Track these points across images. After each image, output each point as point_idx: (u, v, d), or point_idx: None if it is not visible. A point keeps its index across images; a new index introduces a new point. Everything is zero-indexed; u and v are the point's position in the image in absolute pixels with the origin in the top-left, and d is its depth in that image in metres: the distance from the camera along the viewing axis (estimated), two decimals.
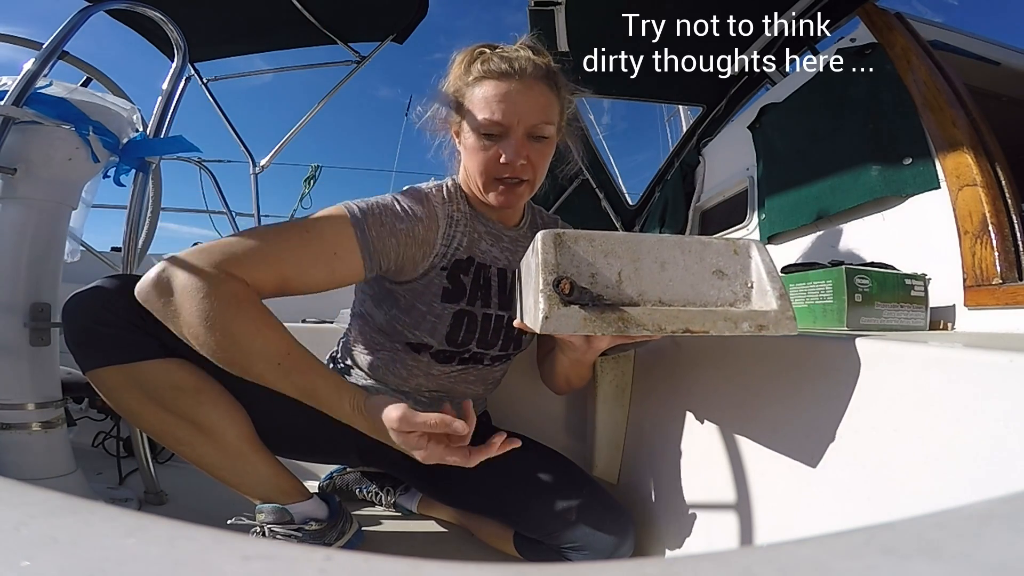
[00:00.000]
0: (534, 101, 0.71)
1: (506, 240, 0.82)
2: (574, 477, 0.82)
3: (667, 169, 2.48)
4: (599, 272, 0.48)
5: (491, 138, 0.72)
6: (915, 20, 1.14)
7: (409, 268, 0.73)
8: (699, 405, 0.81)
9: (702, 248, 0.51)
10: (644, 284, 0.49)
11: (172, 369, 0.69)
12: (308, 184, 3.71)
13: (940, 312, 0.84)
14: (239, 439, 0.73)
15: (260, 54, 2.67)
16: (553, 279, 0.46)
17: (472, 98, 0.72)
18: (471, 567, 0.14)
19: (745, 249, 0.52)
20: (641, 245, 0.50)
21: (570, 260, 0.48)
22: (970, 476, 0.40)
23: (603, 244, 0.49)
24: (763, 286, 0.50)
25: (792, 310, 0.48)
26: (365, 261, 0.68)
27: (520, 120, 0.71)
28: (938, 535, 0.15)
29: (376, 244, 0.68)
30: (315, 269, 0.66)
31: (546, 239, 0.48)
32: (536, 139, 0.73)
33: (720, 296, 0.50)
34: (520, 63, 0.71)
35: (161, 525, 0.15)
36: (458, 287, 0.76)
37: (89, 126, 0.89)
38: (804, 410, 0.59)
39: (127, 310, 0.67)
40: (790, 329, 0.47)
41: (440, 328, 0.76)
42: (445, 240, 0.75)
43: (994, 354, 0.40)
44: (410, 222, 0.71)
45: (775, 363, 0.66)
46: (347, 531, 0.82)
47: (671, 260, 0.50)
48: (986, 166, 0.86)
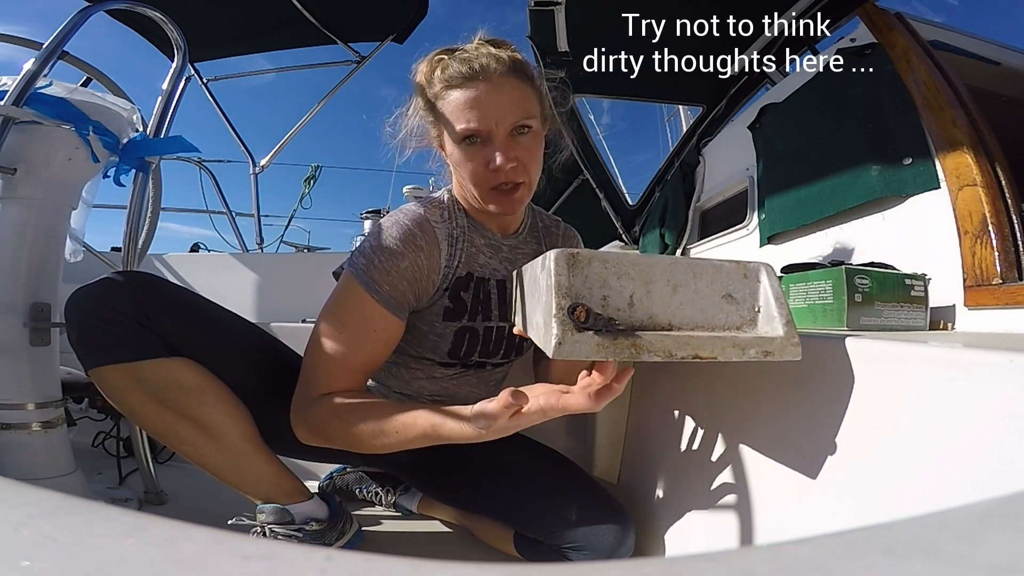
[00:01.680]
0: (507, 98, 0.67)
1: (505, 250, 0.80)
2: (574, 477, 0.82)
3: (667, 169, 2.48)
4: (611, 295, 0.47)
5: (474, 146, 0.68)
6: (915, 20, 1.14)
7: (424, 297, 0.73)
8: (699, 405, 0.81)
9: (714, 272, 0.50)
10: (655, 307, 0.48)
11: (175, 368, 0.69)
12: (308, 184, 3.71)
13: (940, 312, 0.84)
14: (241, 439, 0.73)
15: (260, 54, 2.67)
16: (568, 305, 0.44)
17: (444, 109, 0.69)
18: (471, 567, 0.14)
19: (755, 273, 0.51)
20: (654, 268, 0.49)
21: (583, 282, 0.47)
22: (970, 476, 0.40)
23: (616, 266, 0.48)
24: (770, 311, 0.50)
25: (797, 336, 0.49)
26: (396, 315, 0.69)
27: (499, 122, 0.67)
28: (938, 535, 0.15)
29: (393, 295, 0.68)
30: (373, 350, 0.69)
31: (559, 259, 0.46)
32: (521, 136, 0.69)
33: (728, 320, 0.50)
34: (481, 62, 0.67)
35: (161, 525, 0.15)
36: (459, 305, 0.75)
37: (89, 126, 0.89)
38: (804, 410, 0.59)
39: (130, 308, 0.67)
40: (794, 355, 0.48)
41: (442, 346, 0.76)
42: (448, 261, 0.73)
43: (994, 354, 0.40)
44: (412, 256, 0.69)
45: (775, 363, 0.66)
46: (347, 531, 0.82)
47: (683, 283, 0.49)
48: (986, 166, 0.86)
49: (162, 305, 0.70)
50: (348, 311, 0.69)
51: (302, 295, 1.66)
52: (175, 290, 0.75)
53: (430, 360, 0.79)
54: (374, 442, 0.63)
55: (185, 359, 0.70)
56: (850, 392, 0.53)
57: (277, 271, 1.88)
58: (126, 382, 0.68)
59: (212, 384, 0.71)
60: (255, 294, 1.83)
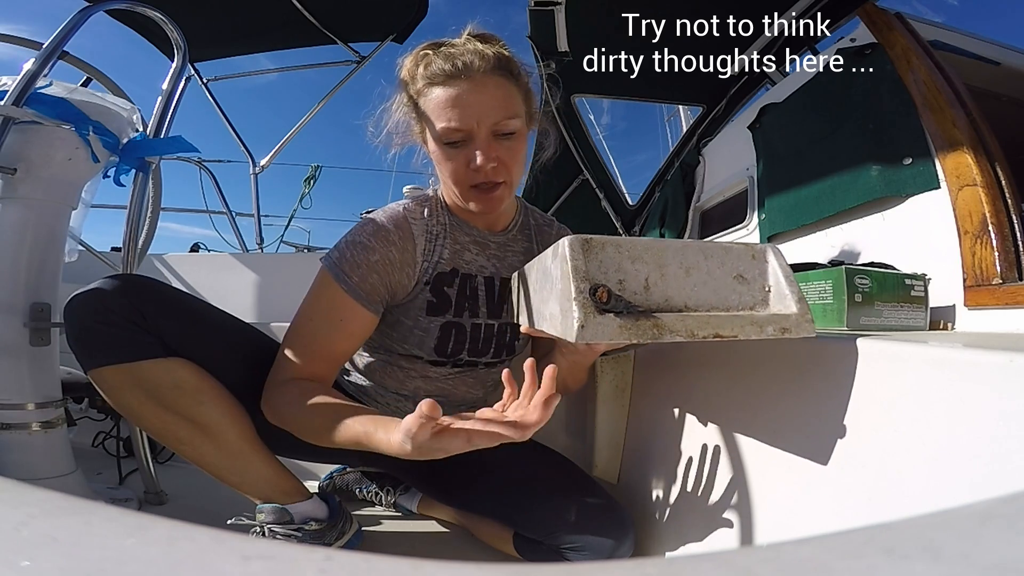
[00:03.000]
0: (490, 97, 0.66)
1: (493, 247, 0.81)
2: (574, 477, 0.82)
3: (667, 169, 2.48)
4: (627, 278, 0.48)
5: (455, 146, 0.68)
6: (915, 20, 1.14)
7: (400, 291, 0.74)
8: (699, 405, 0.81)
9: (724, 253, 0.51)
10: (670, 290, 0.49)
11: (173, 368, 0.70)
12: (308, 184, 3.71)
13: (940, 312, 0.84)
14: (240, 439, 0.73)
15: (260, 54, 2.67)
16: (588, 287, 0.45)
17: (426, 107, 0.68)
18: (471, 567, 0.14)
19: (762, 254, 0.52)
20: (667, 251, 0.50)
21: (598, 266, 0.47)
22: (970, 476, 0.40)
23: (630, 249, 0.49)
24: (781, 290, 0.50)
25: (810, 313, 0.49)
26: (366, 307, 0.71)
27: (480, 121, 0.66)
28: (938, 535, 0.15)
29: (362, 287, 0.70)
30: (337, 339, 0.72)
31: (574, 244, 0.47)
32: (503, 136, 0.68)
33: (741, 301, 0.51)
34: (466, 59, 0.66)
35: (161, 525, 0.15)
36: (443, 300, 0.76)
37: (89, 126, 0.89)
38: (804, 410, 0.59)
39: (128, 309, 0.68)
40: (809, 331, 0.48)
41: (428, 341, 0.76)
42: (426, 255, 0.74)
43: (994, 354, 0.40)
44: (383, 250, 0.70)
45: (775, 363, 0.66)
46: (347, 531, 0.82)
47: (695, 265, 0.50)
48: (986, 166, 0.86)
49: (158, 306, 0.71)
50: (319, 299, 0.72)
51: (302, 295, 1.65)
52: (171, 292, 0.75)
53: (419, 358, 0.79)
54: (317, 437, 0.64)
55: (182, 359, 0.71)
56: (850, 392, 0.53)
57: (277, 271, 1.88)
58: (124, 382, 0.68)
59: (209, 384, 0.72)
60: (255, 294, 1.83)
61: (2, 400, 0.85)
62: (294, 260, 2.18)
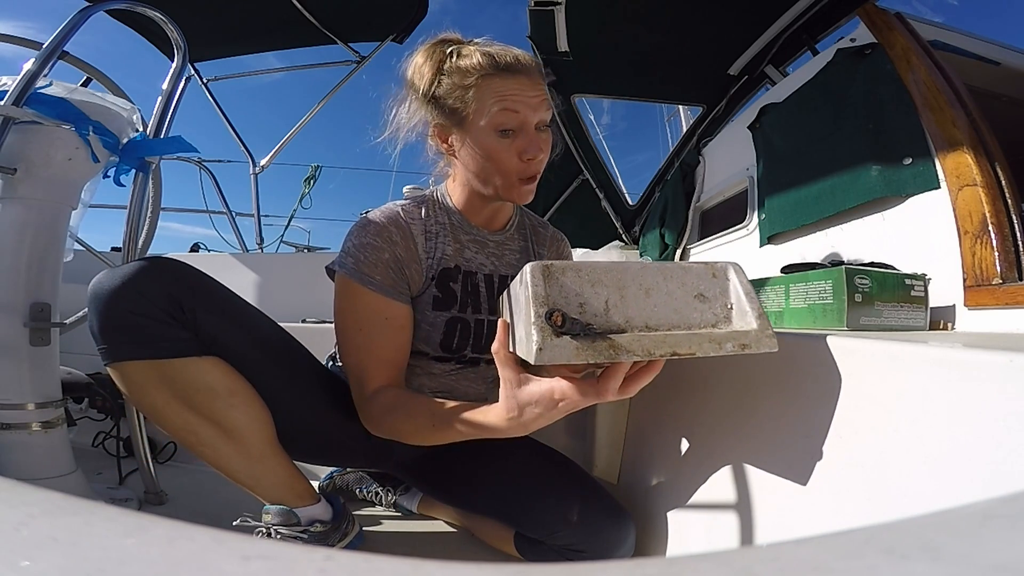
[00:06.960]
0: (541, 94, 0.71)
1: (491, 245, 0.82)
2: (574, 477, 0.82)
3: (667, 169, 2.48)
4: (587, 301, 0.50)
5: (507, 135, 0.70)
6: (915, 20, 1.14)
7: (413, 286, 0.75)
8: (699, 405, 0.81)
9: (683, 273, 0.53)
10: (630, 311, 0.51)
11: (207, 369, 0.67)
12: (308, 184, 3.70)
13: (940, 312, 0.84)
14: (262, 443, 0.72)
15: (261, 54, 2.66)
16: (545, 311, 0.47)
17: (481, 96, 0.69)
18: (471, 567, 0.14)
19: (723, 272, 0.54)
20: (625, 273, 0.51)
21: (559, 291, 0.50)
22: (970, 476, 0.40)
23: (589, 274, 0.50)
24: (742, 307, 0.52)
25: (771, 328, 0.50)
26: (397, 299, 0.72)
27: (532, 116, 0.70)
28: (938, 535, 0.15)
29: (387, 281, 0.71)
30: (392, 337, 0.72)
31: (535, 271, 0.49)
32: (542, 131, 0.72)
33: (703, 318, 0.52)
34: (522, 57, 0.71)
35: (161, 525, 0.15)
36: (448, 295, 0.76)
37: (89, 126, 0.89)
38: (804, 410, 0.59)
39: (165, 299, 0.64)
40: (771, 347, 0.49)
41: (434, 336, 0.76)
42: (427, 251, 0.75)
43: (994, 354, 0.40)
44: (390, 248, 0.72)
45: (775, 363, 0.66)
46: (349, 532, 0.82)
47: (655, 286, 0.52)
48: (986, 166, 0.86)
49: (197, 298, 0.67)
50: (355, 308, 0.72)
51: (302, 295, 1.66)
52: (208, 281, 0.72)
53: (424, 354, 0.79)
54: (422, 439, 0.66)
55: (216, 359, 0.68)
56: (850, 392, 0.53)
57: (277, 271, 1.88)
58: (151, 379, 0.65)
59: (241, 386, 0.70)
60: (255, 294, 1.83)
61: (2, 400, 0.85)
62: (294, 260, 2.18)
